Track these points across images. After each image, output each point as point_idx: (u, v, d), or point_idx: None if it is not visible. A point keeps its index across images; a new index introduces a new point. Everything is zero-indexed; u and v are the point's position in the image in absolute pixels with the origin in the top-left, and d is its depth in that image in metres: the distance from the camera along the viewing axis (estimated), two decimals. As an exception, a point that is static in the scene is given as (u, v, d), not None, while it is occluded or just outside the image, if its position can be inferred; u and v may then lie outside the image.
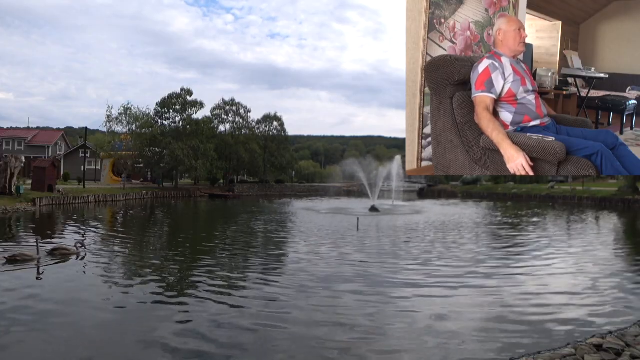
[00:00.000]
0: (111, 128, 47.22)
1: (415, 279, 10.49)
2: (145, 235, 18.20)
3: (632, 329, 6.97)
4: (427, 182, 63.40)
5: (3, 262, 11.09)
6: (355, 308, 8.16)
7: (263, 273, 11.03)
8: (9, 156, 30.10)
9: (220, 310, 7.94)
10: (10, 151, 48.43)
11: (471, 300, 8.74)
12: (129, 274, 10.92)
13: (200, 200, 43.36)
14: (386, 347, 6.44)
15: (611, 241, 17.75)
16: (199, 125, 49.73)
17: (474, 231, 20.05)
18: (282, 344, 6.50)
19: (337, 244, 15.56)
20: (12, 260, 11.22)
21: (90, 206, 32.15)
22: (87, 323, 7.21)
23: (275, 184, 61.81)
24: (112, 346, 6.37)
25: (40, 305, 8.00)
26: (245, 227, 21.07)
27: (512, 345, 6.41)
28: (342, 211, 29.76)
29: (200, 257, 13.13)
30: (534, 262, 12.81)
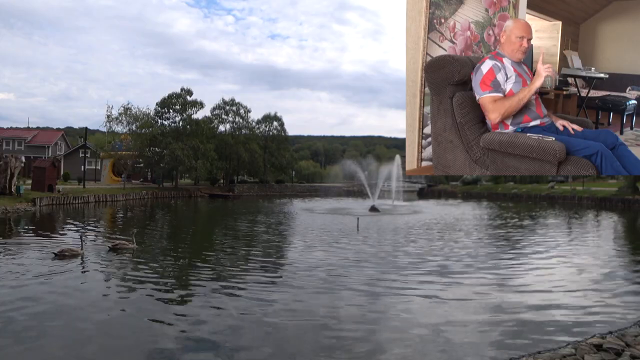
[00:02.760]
0: (111, 128, 47.25)
1: (415, 279, 10.49)
2: (145, 235, 18.19)
3: (632, 329, 6.97)
4: (427, 182, 63.37)
5: (53, 257, 11.95)
6: (355, 308, 8.16)
7: (262, 273, 11.02)
8: (9, 156, 30.09)
9: (220, 310, 7.94)
10: (10, 151, 48.38)
11: (471, 300, 8.74)
12: (128, 274, 10.91)
13: (200, 201, 43.36)
14: (386, 347, 6.44)
15: (611, 241, 17.75)
16: (199, 125, 49.73)
17: (474, 231, 20.04)
18: (282, 344, 6.50)
19: (337, 244, 15.55)
20: (60, 255, 12.04)
21: (90, 206, 32.13)
22: (87, 323, 7.21)
23: (275, 184, 61.79)
24: (112, 346, 6.38)
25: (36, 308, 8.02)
26: (245, 227, 21.06)
27: (512, 345, 6.41)
28: (342, 211, 29.76)
29: (200, 257, 13.11)
30: (533, 262, 12.80)
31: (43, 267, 10.90)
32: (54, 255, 12.09)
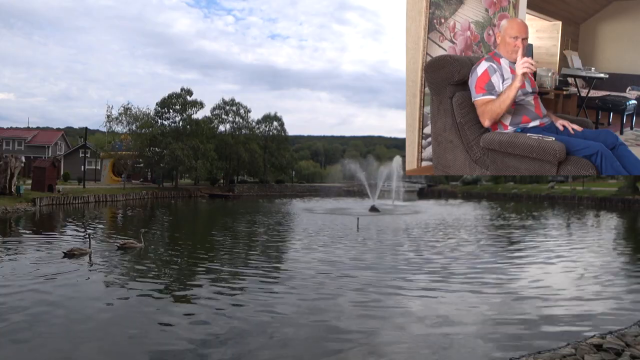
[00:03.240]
0: (111, 128, 47.26)
1: (415, 278, 10.49)
2: (150, 235, 18.17)
3: (632, 329, 6.97)
4: (427, 182, 63.39)
5: (62, 256, 12.26)
6: (355, 307, 8.15)
7: (262, 273, 11.01)
8: (9, 156, 30.08)
9: (219, 311, 7.94)
10: (10, 151, 48.39)
11: (471, 300, 8.73)
12: (130, 272, 10.91)
13: (200, 201, 43.36)
14: (385, 347, 6.43)
15: (611, 241, 17.73)
16: (199, 125, 49.73)
17: (474, 231, 20.04)
18: (281, 345, 6.50)
19: (337, 244, 15.55)
20: (69, 254, 12.38)
21: (90, 206, 32.13)
22: (85, 323, 7.22)
23: (275, 184, 61.78)
24: (113, 345, 6.38)
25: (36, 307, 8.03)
26: (245, 227, 21.06)
27: (512, 345, 6.41)
28: (342, 211, 29.76)
29: (200, 257, 13.12)
30: (533, 262, 12.80)
31: (51, 266, 11.08)
32: (64, 254, 12.42)
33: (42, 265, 11.16)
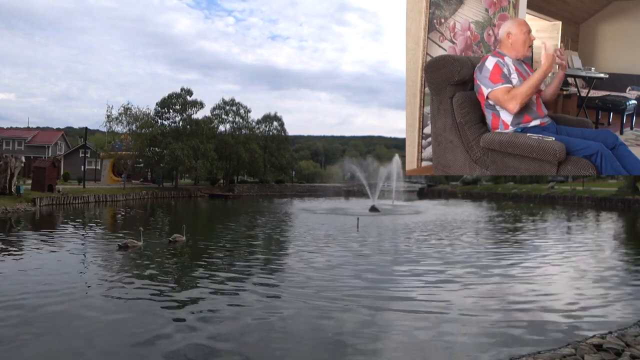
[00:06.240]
0: (111, 128, 47.26)
1: (415, 279, 10.49)
2: (146, 235, 18.16)
3: (632, 329, 6.97)
4: (427, 182, 63.36)
5: (117, 249, 13.71)
6: (354, 307, 8.15)
7: (262, 274, 11.03)
8: (9, 156, 30.09)
9: (221, 311, 7.95)
10: (10, 151, 48.38)
11: (471, 301, 8.74)
12: (131, 272, 10.92)
13: (200, 201, 43.35)
14: (386, 347, 6.44)
15: (611, 241, 17.74)
16: (199, 125, 49.72)
17: (474, 231, 20.04)
18: (281, 345, 6.50)
19: (337, 244, 15.55)
20: (124, 247, 13.79)
21: (90, 206, 32.13)
22: (85, 324, 7.22)
23: (275, 184, 61.77)
24: (112, 345, 6.38)
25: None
26: (245, 227, 21.06)
27: (512, 346, 6.41)
28: (342, 211, 29.76)
29: (200, 256, 13.12)
30: (533, 262, 12.80)
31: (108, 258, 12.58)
32: (118, 247, 13.81)
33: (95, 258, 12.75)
